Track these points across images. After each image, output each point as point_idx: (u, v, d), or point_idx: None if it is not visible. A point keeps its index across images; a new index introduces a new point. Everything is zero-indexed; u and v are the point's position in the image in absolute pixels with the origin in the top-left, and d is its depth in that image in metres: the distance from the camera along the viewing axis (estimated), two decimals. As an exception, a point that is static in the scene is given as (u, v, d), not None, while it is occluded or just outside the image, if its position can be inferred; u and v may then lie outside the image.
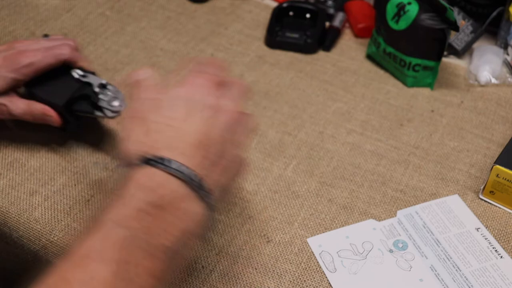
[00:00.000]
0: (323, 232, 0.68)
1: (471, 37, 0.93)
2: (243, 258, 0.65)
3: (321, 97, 0.86)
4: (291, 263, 0.65)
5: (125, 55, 0.91)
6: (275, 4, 1.02)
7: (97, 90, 0.70)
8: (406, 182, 0.75)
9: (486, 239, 0.68)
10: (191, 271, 0.64)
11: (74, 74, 0.71)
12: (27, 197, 0.70)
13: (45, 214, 0.68)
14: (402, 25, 0.85)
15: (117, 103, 0.69)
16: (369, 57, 0.93)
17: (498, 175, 0.70)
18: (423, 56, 0.86)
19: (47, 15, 0.97)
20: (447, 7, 0.81)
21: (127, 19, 0.98)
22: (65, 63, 0.71)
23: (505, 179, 0.70)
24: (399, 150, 0.79)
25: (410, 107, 0.85)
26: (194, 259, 0.65)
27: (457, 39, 0.93)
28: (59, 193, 0.70)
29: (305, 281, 0.64)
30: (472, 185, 0.74)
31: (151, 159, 0.49)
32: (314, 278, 0.64)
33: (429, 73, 0.87)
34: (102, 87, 0.70)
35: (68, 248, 0.46)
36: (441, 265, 0.65)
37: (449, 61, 0.93)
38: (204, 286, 0.63)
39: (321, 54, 0.94)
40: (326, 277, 0.64)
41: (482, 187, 0.72)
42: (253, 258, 0.65)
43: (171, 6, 1.02)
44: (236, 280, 0.63)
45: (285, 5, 0.98)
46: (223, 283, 0.63)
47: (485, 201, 0.73)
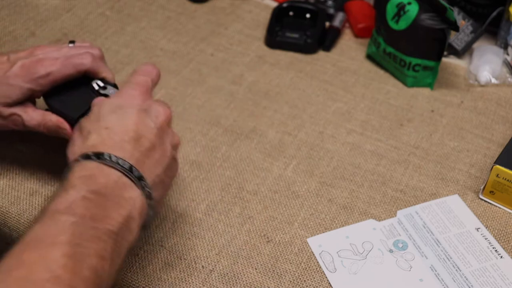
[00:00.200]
0: (323, 232, 0.68)
1: (471, 37, 0.93)
2: (243, 258, 0.65)
3: (321, 97, 0.86)
4: (291, 263, 0.65)
5: (125, 55, 0.91)
6: (275, 4, 1.02)
7: None
8: (406, 182, 0.75)
9: (486, 239, 0.68)
10: (191, 271, 0.64)
11: (94, 85, 0.66)
12: (27, 197, 0.70)
13: (45, 214, 0.68)
14: (402, 25, 0.85)
15: None
16: (369, 57, 0.94)
17: (498, 175, 0.70)
18: (423, 56, 0.86)
19: (47, 15, 0.97)
20: (447, 7, 0.81)
21: (127, 19, 0.98)
22: (87, 74, 0.66)
23: (505, 179, 0.70)
24: (399, 150, 0.79)
25: (410, 107, 0.85)
26: (194, 259, 0.65)
27: (457, 39, 0.93)
28: (59, 193, 0.70)
29: (305, 281, 0.64)
30: (472, 185, 0.74)
31: (90, 155, 0.54)
32: (314, 278, 0.64)
33: (429, 73, 0.87)
34: None
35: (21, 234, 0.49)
36: (441, 265, 0.65)
37: (449, 61, 0.93)
38: (204, 286, 0.63)
39: (321, 54, 0.94)
40: (326, 277, 0.64)
41: (482, 187, 0.72)
42: (253, 258, 0.65)
43: (171, 6, 1.02)
44: (236, 280, 0.63)
45: (285, 5, 0.98)
46: (223, 283, 0.63)
47: (485, 201, 0.73)
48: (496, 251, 0.67)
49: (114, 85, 0.68)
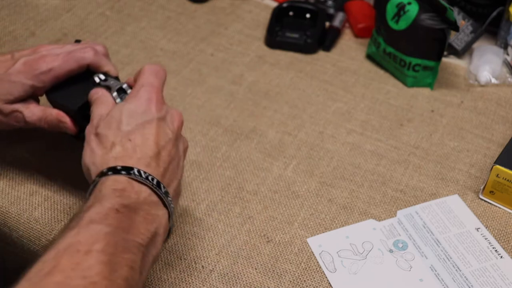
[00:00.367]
0: (323, 232, 0.68)
1: (471, 37, 0.93)
2: (243, 258, 0.65)
3: (321, 97, 0.86)
4: (291, 263, 0.65)
5: (125, 55, 0.91)
6: (275, 4, 1.02)
7: (114, 94, 0.64)
8: (406, 182, 0.75)
9: (486, 239, 0.68)
10: (191, 271, 0.64)
11: (96, 78, 0.65)
12: (27, 197, 0.70)
13: (45, 214, 0.68)
14: (402, 25, 0.85)
15: None
16: (369, 57, 0.93)
17: (498, 175, 0.70)
18: (423, 56, 0.86)
19: (47, 15, 0.97)
20: (447, 7, 0.81)
21: (127, 19, 0.98)
22: (89, 68, 0.66)
23: (505, 179, 0.70)
24: (399, 150, 0.79)
25: (410, 107, 0.85)
26: (194, 259, 0.65)
27: (457, 39, 0.93)
28: (59, 193, 0.70)
29: (305, 281, 0.64)
30: (472, 185, 0.74)
31: (120, 170, 0.54)
32: (314, 278, 0.64)
33: (429, 73, 0.87)
34: (121, 91, 0.64)
35: (52, 242, 0.49)
36: (441, 265, 0.65)
37: (449, 61, 0.93)
38: (204, 286, 0.63)
39: (321, 54, 0.94)
40: (326, 277, 0.64)
41: (482, 187, 0.72)
42: (253, 258, 0.65)
43: (171, 6, 1.02)
44: (236, 280, 0.63)
45: (285, 5, 0.98)
46: (223, 283, 0.63)
47: (485, 201, 0.73)
48: (496, 251, 0.67)
49: (116, 78, 0.67)
